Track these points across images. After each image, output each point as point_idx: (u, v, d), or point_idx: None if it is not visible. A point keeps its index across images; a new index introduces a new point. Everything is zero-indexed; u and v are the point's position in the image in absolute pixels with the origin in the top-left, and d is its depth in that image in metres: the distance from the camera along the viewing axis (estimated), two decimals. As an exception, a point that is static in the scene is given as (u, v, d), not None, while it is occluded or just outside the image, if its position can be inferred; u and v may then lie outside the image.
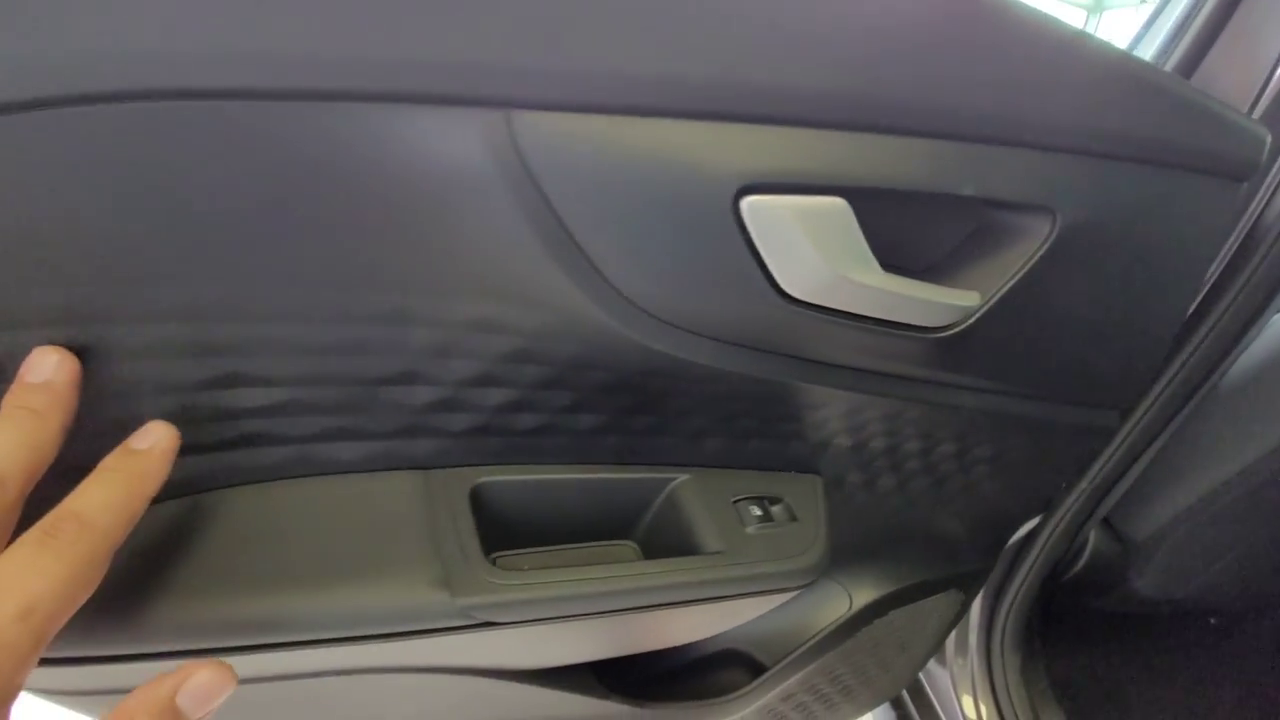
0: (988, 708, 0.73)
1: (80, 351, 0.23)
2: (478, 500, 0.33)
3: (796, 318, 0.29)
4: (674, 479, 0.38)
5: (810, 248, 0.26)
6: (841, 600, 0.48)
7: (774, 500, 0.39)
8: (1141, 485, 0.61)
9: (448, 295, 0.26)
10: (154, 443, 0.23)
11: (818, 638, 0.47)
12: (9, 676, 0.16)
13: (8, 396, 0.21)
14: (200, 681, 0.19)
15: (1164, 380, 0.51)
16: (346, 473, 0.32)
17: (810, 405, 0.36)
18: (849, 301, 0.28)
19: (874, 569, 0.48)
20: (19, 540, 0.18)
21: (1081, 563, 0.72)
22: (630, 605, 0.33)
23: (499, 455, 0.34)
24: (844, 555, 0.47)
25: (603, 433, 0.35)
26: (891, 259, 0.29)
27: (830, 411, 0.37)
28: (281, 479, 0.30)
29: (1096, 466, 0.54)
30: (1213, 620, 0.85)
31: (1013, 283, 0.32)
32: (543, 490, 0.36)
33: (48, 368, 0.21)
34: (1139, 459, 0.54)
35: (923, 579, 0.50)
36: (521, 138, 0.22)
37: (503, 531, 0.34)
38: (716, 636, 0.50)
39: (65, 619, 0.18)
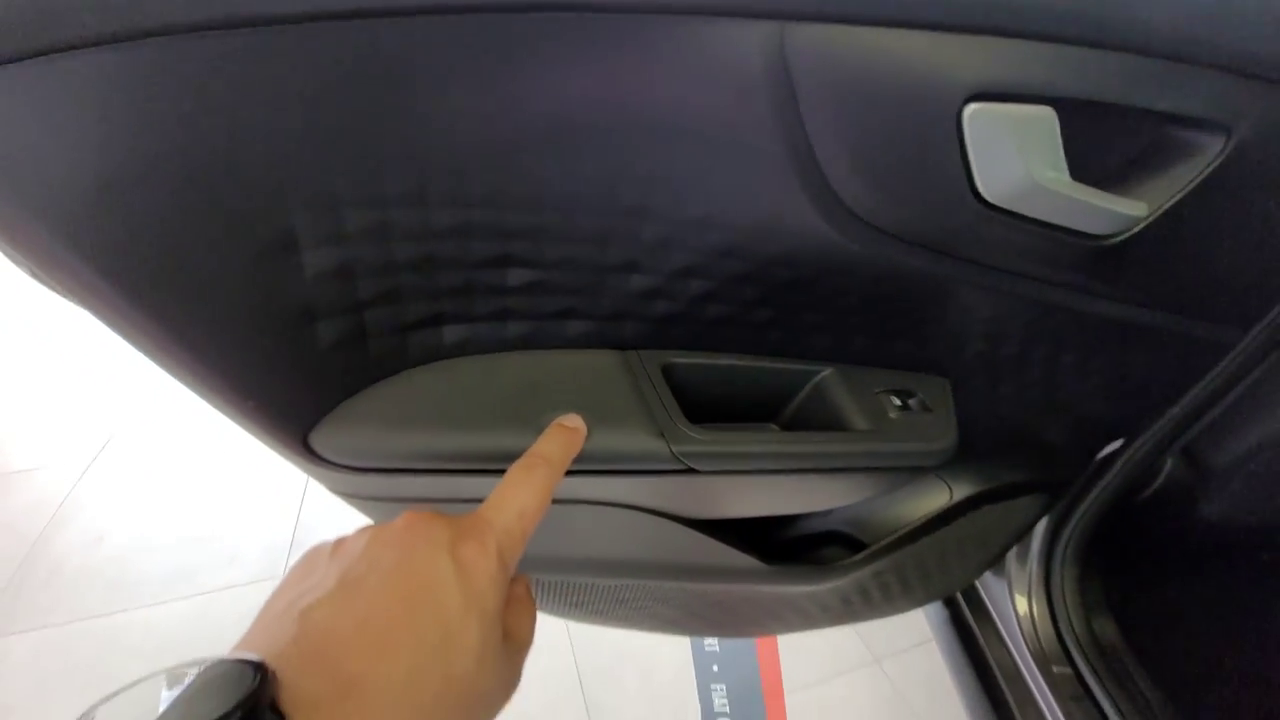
0: (1040, 609, 0.79)
1: (404, 231, 0.29)
2: (667, 376, 0.38)
3: (984, 222, 0.32)
4: (820, 371, 0.43)
5: (1016, 154, 0.29)
6: (941, 493, 0.53)
7: (909, 394, 0.43)
8: (1230, 412, 0.63)
9: (686, 194, 0.30)
10: (577, 424, 0.33)
11: (917, 524, 0.53)
12: (513, 554, 0.24)
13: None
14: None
15: None
16: (565, 348, 0.37)
17: (962, 308, 0.39)
18: (1036, 206, 0.31)
19: (976, 467, 0.53)
20: (511, 470, 0.28)
21: (1154, 487, 0.76)
22: (799, 466, 0.39)
23: (683, 342, 0.39)
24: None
25: (772, 326, 0.39)
26: (1074, 168, 0.31)
27: (978, 315, 0.40)
28: (518, 349, 0.37)
29: (1196, 388, 0.56)
30: (1265, 556, 0.89)
31: (1179, 196, 0.34)
32: (711, 374, 0.41)
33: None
34: (1241, 381, 0.56)
35: (1017, 480, 0.55)
36: (789, 48, 0.25)
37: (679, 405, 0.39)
38: (825, 519, 0.57)
39: (537, 523, 0.26)
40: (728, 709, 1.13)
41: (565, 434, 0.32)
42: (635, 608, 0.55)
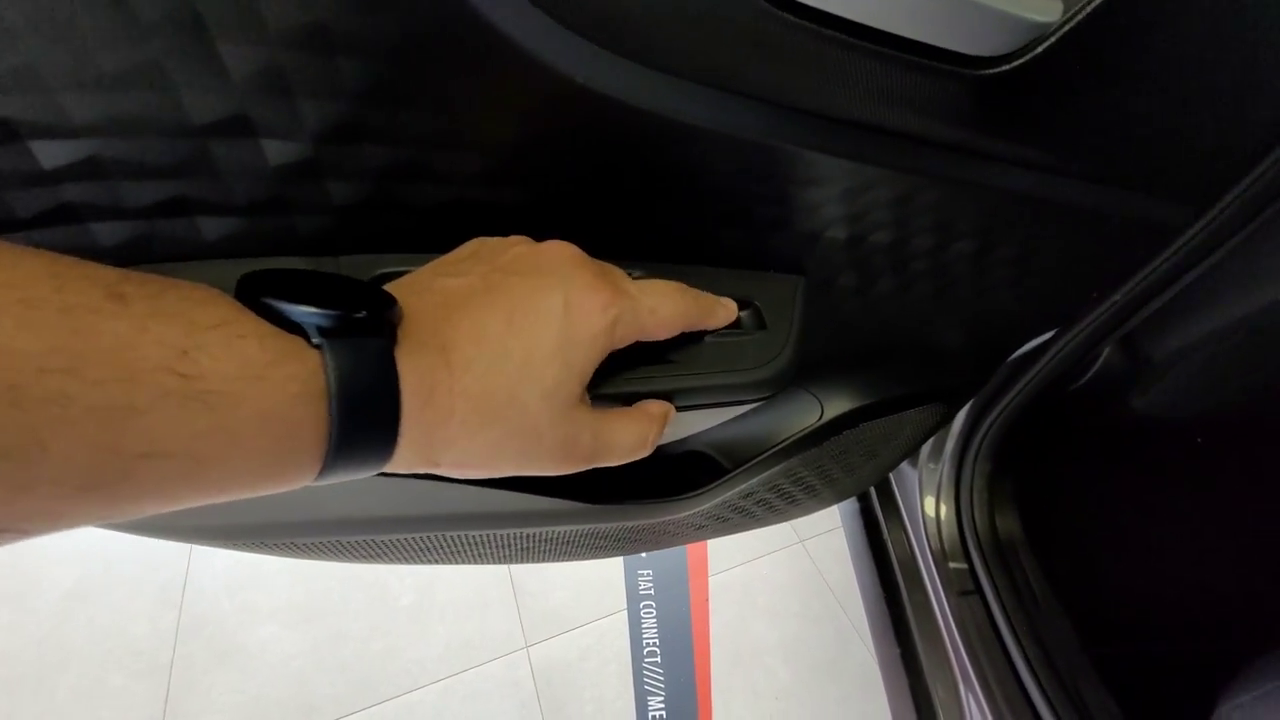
0: (947, 508, 0.77)
1: None
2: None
3: (789, 37, 0.19)
4: (627, 272, 0.32)
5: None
6: (812, 410, 0.45)
7: (742, 304, 0.33)
8: (1178, 301, 0.54)
9: None
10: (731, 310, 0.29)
11: (781, 445, 0.45)
12: (624, 335, 0.23)
13: None
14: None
15: (1253, 175, 0.40)
16: (217, 257, 0.26)
17: (800, 180, 0.27)
18: (868, 7, 0.18)
19: (852, 380, 0.44)
20: (672, 282, 0.26)
21: (1084, 379, 0.69)
22: None
23: (409, 242, 0.28)
24: (821, 364, 0.43)
25: (531, 214, 0.28)
26: None
27: (825, 191, 0.28)
28: (136, 263, 0.25)
29: (1140, 275, 0.47)
30: (1199, 439, 0.85)
31: None
32: None
33: None
34: (1193, 269, 0.46)
35: (904, 392, 0.46)
36: None
37: None
38: (681, 440, 0.49)
39: (663, 334, 0.25)
40: (653, 591, 1.16)
41: (726, 312, 0.29)
42: (467, 552, 0.48)
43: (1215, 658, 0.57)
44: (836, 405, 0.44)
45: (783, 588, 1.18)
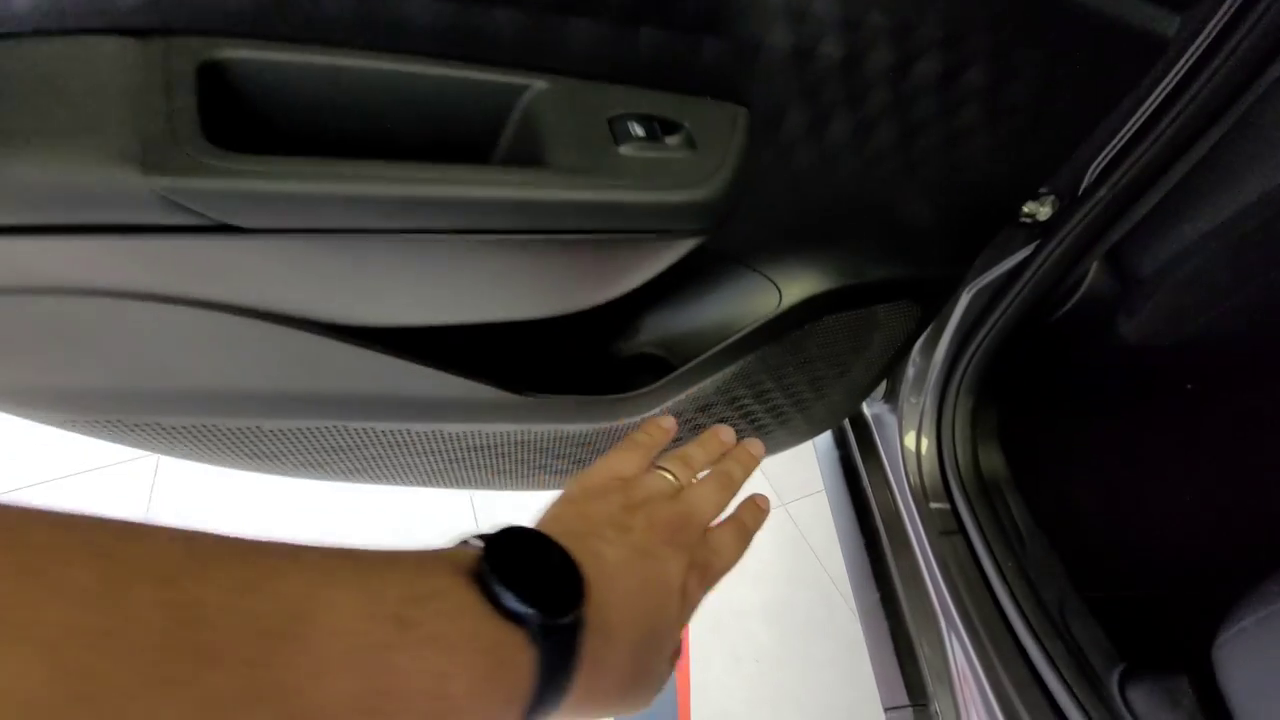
0: (929, 442, 0.72)
1: None
2: (216, 79, 0.23)
3: None
4: (528, 86, 0.27)
5: None
6: (769, 296, 0.40)
7: (671, 126, 0.28)
8: (1157, 211, 0.49)
9: None
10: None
11: (735, 338, 0.40)
12: (693, 537, 0.26)
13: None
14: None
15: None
16: (28, 32, 0.21)
17: None
18: None
19: (812, 262, 0.39)
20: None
21: (1069, 303, 0.65)
22: (434, 225, 0.24)
23: (258, 21, 0.23)
24: (776, 241, 0.38)
25: None
26: None
27: None
28: None
29: (1123, 167, 0.42)
30: (1189, 386, 0.81)
31: None
32: (328, 83, 0.25)
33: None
34: (1181, 156, 0.41)
35: (871, 279, 0.42)
36: None
37: (270, 139, 0.24)
38: (629, 340, 0.44)
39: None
40: (629, 556, 1.11)
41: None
42: (386, 462, 0.44)
43: (1212, 586, 0.53)
44: (796, 291, 0.40)
45: (764, 550, 1.14)
